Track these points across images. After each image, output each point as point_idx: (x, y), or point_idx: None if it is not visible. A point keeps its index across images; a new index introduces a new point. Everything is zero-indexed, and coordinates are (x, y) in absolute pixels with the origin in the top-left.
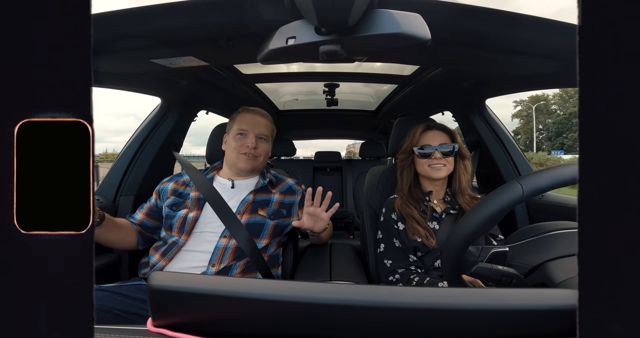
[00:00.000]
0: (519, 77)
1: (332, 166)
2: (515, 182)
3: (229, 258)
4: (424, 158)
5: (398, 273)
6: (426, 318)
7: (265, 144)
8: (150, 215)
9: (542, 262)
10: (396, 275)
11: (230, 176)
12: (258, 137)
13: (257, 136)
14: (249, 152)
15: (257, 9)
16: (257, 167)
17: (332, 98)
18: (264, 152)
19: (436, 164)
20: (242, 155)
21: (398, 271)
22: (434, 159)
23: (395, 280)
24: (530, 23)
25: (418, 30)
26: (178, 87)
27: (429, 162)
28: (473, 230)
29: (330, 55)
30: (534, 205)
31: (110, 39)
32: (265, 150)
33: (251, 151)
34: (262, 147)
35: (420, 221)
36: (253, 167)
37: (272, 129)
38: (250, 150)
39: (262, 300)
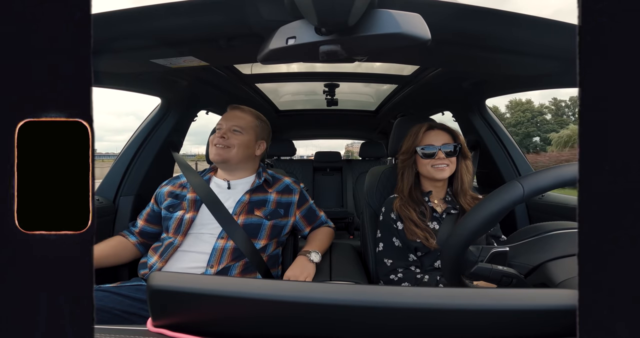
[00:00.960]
0: (519, 77)
1: (332, 166)
2: (516, 182)
3: (227, 259)
4: (427, 158)
5: (400, 272)
6: (426, 318)
7: (240, 136)
8: (149, 221)
9: (542, 262)
10: (398, 274)
11: (224, 176)
12: (232, 129)
13: (230, 128)
14: (218, 143)
15: (258, 9)
16: (231, 159)
17: (332, 98)
18: (237, 143)
19: (439, 164)
20: (213, 147)
21: (399, 270)
22: (438, 159)
23: (397, 279)
24: (530, 23)
25: (418, 30)
26: (178, 87)
27: (432, 163)
28: (473, 230)
29: (330, 55)
30: (534, 205)
31: (110, 39)
32: (239, 142)
33: (220, 141)
34: (235, 138)
35: (418, 223)
36: (224, 158)
37: (251, 122)
38: (218, 140)
39: (262, 300)
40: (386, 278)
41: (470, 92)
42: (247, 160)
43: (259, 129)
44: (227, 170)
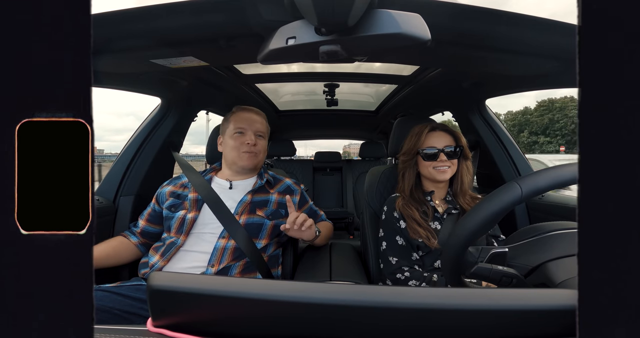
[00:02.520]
0: (519, 77)
1: (332, 166)
2: (514, 183)
3: (228, 258)
4: (429, 160)
5: (407, 271)
6: (426, 318)
7: (263, 141)
8: (150, 221)
9: (542, 262)
10: (405, 273)
11: (228, 177)
12: (256, 135)
13: (255, 133)
14: (250, 150)
15: (258, 9)
16: (258, 164)
17: (332, 98)
18: (262, 149)
19: (441, 166)
20: (244, 154)
21: (405, 269)
22: (439, 161)
23: (404, 278)
24: (530, 23)
25: (418, 30)
26: (178, 87)
27: (434, 164)
28: (472, 231)
29: (330, 55)
30: (534, 205)
31: (110, 38)
32: (263, 147)
33: (252, 148)
34: (260, 143)
35: (421, 222)
36: (254, 164)
37: (267, 127)
38: (251, 147)
39: (262, 300)
40: (392, 276)
41: (470, 92)
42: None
43: (269, 132)
44: (242, 173)
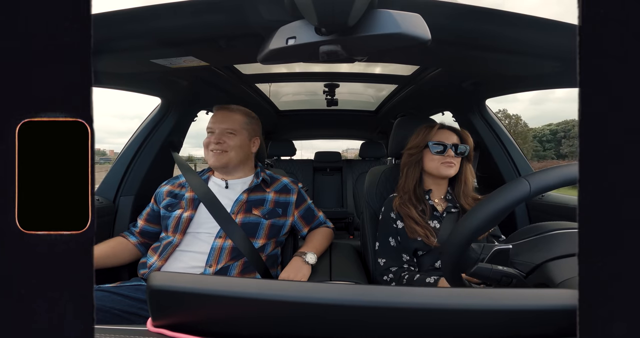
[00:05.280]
0: (519, 77)
1: (332, 166)
2: (523, 179)
3: (225, 258)
4: (437, 154)
5: (391, 272)
6: (426, 318)
7: (235, 138)
8: (149, 220)
9: (545, 260)
10: (390, 274)
11: (222, 176)
12: (226, 132)
13: (223, 131)
14: (215, 148)
15: (258, 9)
16: (229, 163)
17: (332, 98)
18: (233, 146)
19: (449, 161)
20: (209, 152)
21: (391, 270)
22: (447, 157)
23: (389, 280)
24: (530, 23)
25: (418, 30)
26: (178, 87)
27: (442, 159)
28: (478, 227)
29: (330, 55)
30: (534, 205)
31: (110, 38)
32: (235, 144)
33: (216, 147)
34: (230, 140)
35: (419, 221)
36: (223, 163)
37: (242, 121)
38: (214, 146)
39: (262, 300)
40: (380, 278)
41: (470, 92)
42: (245, 160)
43: (250, 127)
44: (225, 172)
